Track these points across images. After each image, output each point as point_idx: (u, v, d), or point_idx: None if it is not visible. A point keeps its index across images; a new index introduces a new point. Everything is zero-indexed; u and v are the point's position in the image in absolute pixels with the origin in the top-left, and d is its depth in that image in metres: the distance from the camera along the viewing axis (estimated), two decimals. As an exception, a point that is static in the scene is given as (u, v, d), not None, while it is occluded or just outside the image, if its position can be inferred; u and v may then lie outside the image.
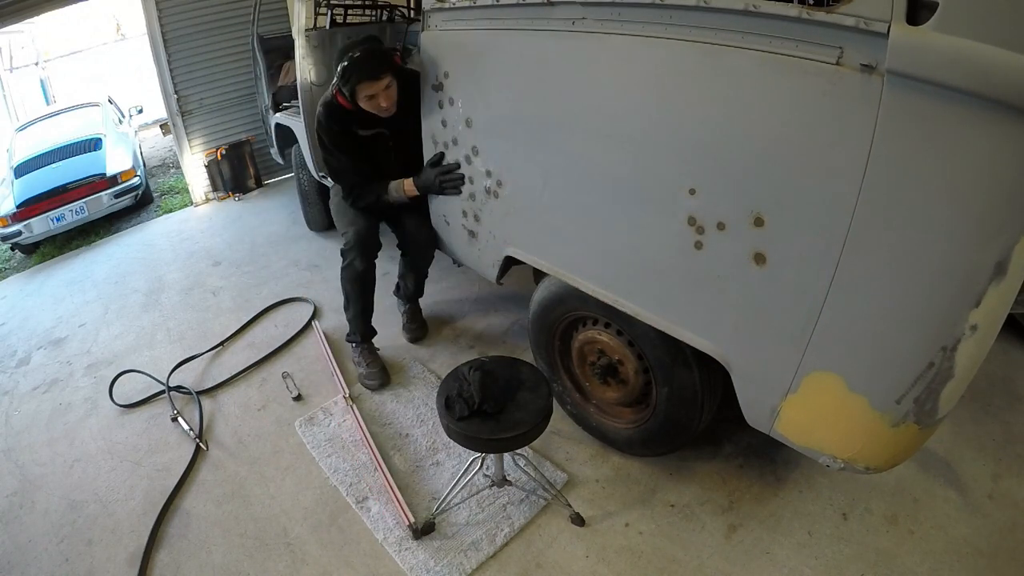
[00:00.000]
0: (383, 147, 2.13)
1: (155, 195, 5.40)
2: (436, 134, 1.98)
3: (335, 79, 1.93)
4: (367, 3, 3.50)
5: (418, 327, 2.60)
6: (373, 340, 2.42)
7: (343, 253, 2.22)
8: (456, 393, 1.51)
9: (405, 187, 2.09)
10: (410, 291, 2.55)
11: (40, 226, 4.51)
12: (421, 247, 2.33)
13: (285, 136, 3.59)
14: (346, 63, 1.85)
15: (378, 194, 2.14)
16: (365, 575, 1.64)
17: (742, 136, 1.16)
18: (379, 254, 2.25)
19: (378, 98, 1.90)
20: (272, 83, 3.73)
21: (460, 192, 1.98)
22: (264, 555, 1.73)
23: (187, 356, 2.64)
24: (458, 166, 1.94)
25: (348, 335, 2.40)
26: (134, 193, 4.90)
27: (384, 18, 3.62)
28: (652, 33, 1.24)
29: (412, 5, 3.66)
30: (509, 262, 1.95)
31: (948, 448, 1.80)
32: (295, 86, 2.96)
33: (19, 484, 2.12)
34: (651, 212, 1.38)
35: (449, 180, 1.96)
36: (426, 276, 2.51)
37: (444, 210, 2.14)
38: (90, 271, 3.90)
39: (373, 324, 2.40)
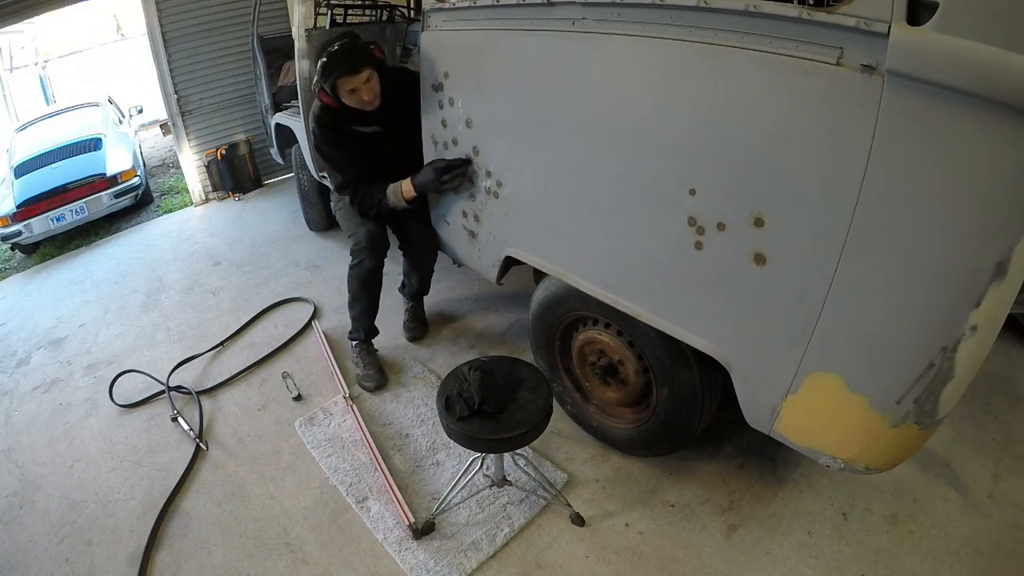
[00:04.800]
0: (382, 146, 2.12)
1: (155, 195, 5.39)
2: (436, 134, 1.98)
3: (315, 77, 1.92)
4: (367, 3, 3.50)
5: (418, 326, 2.60)
6: (373, 341, 2.42)
7: (353, 253, 2.23)
8: (456, 393, 1.51)
9: (403, 189, 2.05)
10: (415, 288, 2.55)
11: (40, 226, 4.50)
12: (423, 248, 2.34)
13: (285, 136, 3.59)
14: (324, 59, 1.85)
15: (380, 200, 2.10)
16: (365, 575, 1.64)
17: (742, 136, 1.16)
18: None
19: (359, 92, 1.89)
20: (272, 83, 3.73)
21: (458, 191, 1.96)
22: (264, 555, 1.73)
23: (187, 356, 2.64)
24: (466, 162, 1.89)
25: (351, 332, 2.41)
26: (134, 193, 4.90)
27: (384, 18, 3.62)
28: (652, 33, 1.24)
29: (412, 5, 3.66)
30: (509, 262, 1.95)
31: (948, 448, 1.80)
32: (295, 86, 2.95)
33: (19, 484, 2.12)
34: (651, 212, 1.38)
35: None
36: (431, 274, 2.51)
37: (444, 210, 2.14)
38: (90, 271, 3.90)
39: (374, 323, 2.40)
